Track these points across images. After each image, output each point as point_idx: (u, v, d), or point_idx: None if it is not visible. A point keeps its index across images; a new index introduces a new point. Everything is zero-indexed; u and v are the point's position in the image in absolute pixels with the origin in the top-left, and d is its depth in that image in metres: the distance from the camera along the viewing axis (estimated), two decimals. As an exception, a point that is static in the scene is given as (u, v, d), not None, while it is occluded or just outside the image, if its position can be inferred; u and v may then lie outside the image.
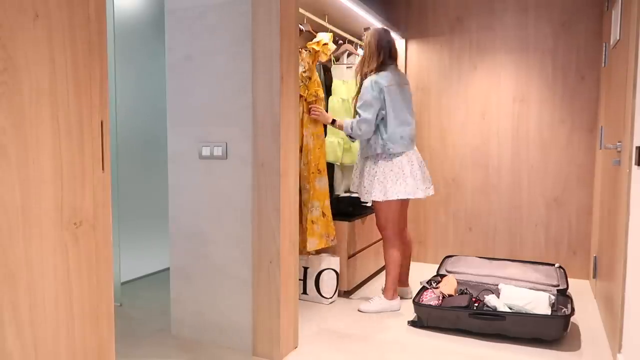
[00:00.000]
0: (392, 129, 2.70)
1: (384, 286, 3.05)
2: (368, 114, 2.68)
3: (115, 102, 2.89)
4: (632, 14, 2.04)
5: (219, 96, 2.26)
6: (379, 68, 2.74)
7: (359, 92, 2.78)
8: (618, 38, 2.45)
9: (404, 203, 2.89)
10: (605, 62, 3.06)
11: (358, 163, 2.95)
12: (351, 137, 2.86)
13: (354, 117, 2.83)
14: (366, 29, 2.85)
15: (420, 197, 2.74)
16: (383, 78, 2.70)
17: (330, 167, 3.48)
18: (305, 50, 2.80)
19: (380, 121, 2.73)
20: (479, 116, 3.76)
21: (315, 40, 2.80)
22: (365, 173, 2.81)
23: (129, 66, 3.48)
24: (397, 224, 2.83)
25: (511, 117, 3.66)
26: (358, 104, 2.74)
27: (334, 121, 2.84)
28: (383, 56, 2.75)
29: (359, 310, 2.85)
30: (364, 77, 2.78)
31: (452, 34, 3.79)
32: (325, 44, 2.80)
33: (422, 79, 3.92)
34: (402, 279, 3.07)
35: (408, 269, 3.08)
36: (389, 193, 2.71)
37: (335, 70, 3.47)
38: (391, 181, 2.71)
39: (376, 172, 2.74)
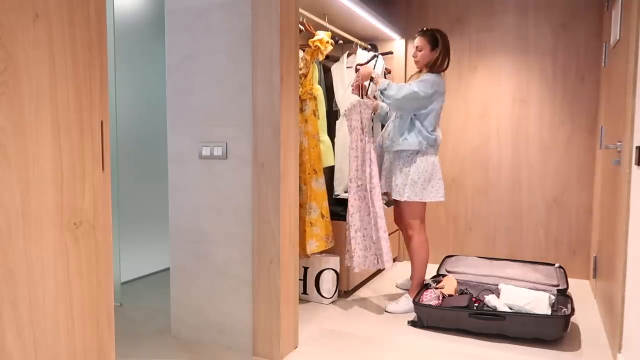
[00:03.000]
0: (432, 132, 2.73)
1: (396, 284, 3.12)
2: (422, 92, 2.64)
3: (115, 102, 2.89)
4: (632, 14, 2.04)
5: (219, 96, 2.26)
6: (442, 70, 2.77)
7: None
8: (618, 38, 2.45)
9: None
10: (605, 62, 3.06)
11: (384, 157, 2.92)
12: (382, 96, 2.73)
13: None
14: (432, 31, 2.81)
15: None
16: (444, 84, 2.74)
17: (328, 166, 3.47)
18: (302, 50, 2.79)
19: (420, 119, 2.72)
20: (479, 117, 3.76)
21: (316, 37, 2.80)
22: (397, 170, 2.78)
23: (129, 66, 3.48)
24: (424, 223, 2.85)
25: (511, 118, 3.66)
26: (418, 81, 2.69)
27: (371, 78, 2.81)
28: (448, 62, 2.80)
29: (385, 311, 2.81)
30: (428, 68, 2.76)
31: (452, 34, 3.79)
32: (327, 41, 2.80)
33: (422, 79, 3.92)
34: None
35: None
36: (425, 195, 2.71)
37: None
38: (425, 182, 2.71)
39: (410, 170, 2.72)
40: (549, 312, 2.41)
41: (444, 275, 3.01)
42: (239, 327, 2.28)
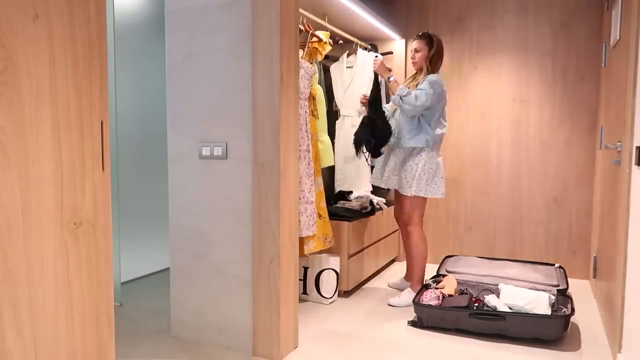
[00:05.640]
0: (437, 129, 2.87)
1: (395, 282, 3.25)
2: (434, 95, 2.79)
3: (115, 102, 2.89)
4: (632, 14, 2.04)
5: (219, 96, 2.26)
6: (438, 70, 2.94)
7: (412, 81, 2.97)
8: (618, 38, 2.45)
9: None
10: (605, 62, 3.06)
11: (389, 157, 3.04)
12: (400, 101, 2.87)
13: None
14: (427, 33, 2.97)
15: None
16: (444, 82, 2.87)
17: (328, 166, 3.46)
18: (301, 50, 2.79)
19: (426, 119, 2.86)
20: (479, 116, 3.76)
21: (314, 38, 2.80)
22: (404, 166, 2.91)
23: (129, 66, 3.48)
24: (423, 218, 3.01)
25: (511, 117, 3.66)
26: (428, 86, 2.81)
27: (389, 78, 2.97)
28: (441, 62, 2.98)
29: (388, 305, 2.93)
30: (428, 71, 2.90)
31: (452, 34, 3.79)
32: (325, 42, 2.80)
33: (422, 79, 3.92)
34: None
35: None
36: (428, 191, 2.86)
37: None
38: (429, 179, 2.86)
39: (417, 166, 2.86)
40: (549, 312, 2.41)
41: (444, 275, 3.01)
42: (239, 327, 2.28)
